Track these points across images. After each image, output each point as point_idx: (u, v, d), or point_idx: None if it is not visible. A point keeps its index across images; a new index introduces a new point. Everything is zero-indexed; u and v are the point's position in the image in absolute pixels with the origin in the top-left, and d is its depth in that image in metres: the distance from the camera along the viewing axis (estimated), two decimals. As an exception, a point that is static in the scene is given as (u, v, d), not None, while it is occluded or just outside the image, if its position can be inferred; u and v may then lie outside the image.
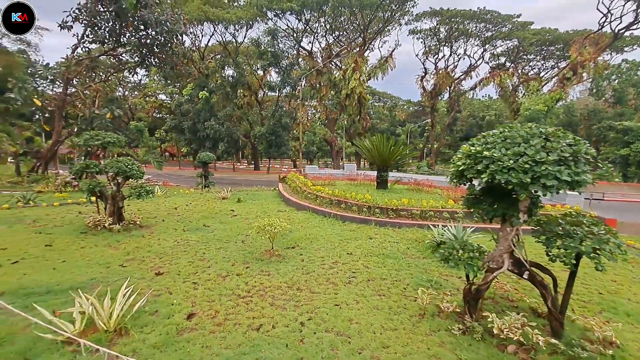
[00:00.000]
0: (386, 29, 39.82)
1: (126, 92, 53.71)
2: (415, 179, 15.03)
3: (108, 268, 6.00)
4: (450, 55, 46.34)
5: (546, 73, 46.79)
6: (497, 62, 47.64)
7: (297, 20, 37.46)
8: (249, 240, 7.90)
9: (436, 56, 46.72)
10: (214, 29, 38.94)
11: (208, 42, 41.67)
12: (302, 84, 35.88)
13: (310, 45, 40.43)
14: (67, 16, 18.94)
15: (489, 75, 44.31)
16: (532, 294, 5.39)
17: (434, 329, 4.25)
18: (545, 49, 44.20)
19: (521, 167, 3.47)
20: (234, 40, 40.18)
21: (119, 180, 8.38)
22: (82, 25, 19.54)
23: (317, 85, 39.03)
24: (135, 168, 8.05)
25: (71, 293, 4.73)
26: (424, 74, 46.87)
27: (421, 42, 45.76)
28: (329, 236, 8.35)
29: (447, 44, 45.20)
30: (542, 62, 46.85)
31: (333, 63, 40.02)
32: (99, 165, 8.70)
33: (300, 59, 39.94)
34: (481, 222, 4.79)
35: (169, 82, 43.94)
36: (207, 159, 19.46)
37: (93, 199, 8.78)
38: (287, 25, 37.66)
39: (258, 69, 44.76)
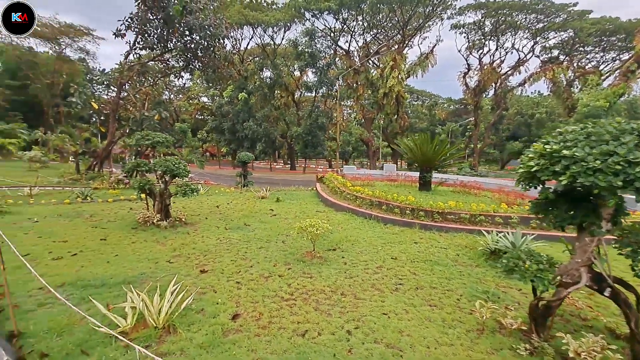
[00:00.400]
0: (427, 25, 38.45)
1: (171, 96, 56.86)
2: (462, 180, 14.12)
3: (156, 264, 6.18)
4: (497, 49, 43.75)
5: (606, 66, 42.59)
6: (550, 55, 44.07)
7: (334, 20, 37.34)
8: (290, 240, 7.82)
9: (480, 51, 44.35)
10: (253, 32, 40.01)
11: (247, 45, 42.91)
12: (339, 84, 35.62)
13: (347, 44, 40.13)
14: (121, 25, 20.31)
15: (539, 69, 41.17)
16: (608, 311, 4.75)
17: (496, 347, 3.83)
18: (605, 39, 40.16)
19: (611, 169, 2.98)
20: (272, 43, 41.02)
21: (167, 179, 8.70)
22: (134, 32, 20.84)
23: (354, 85, 38.63)
24: (181, 167, 8.31)
25: (123, 287, 4.92)
26: (467, 70, 44.70)
27: (464, 36, 43.65)
28: (370, 239, 8.05)
29: (492, 38, 42.74)
30: (602, 54, 42.61)
31: (370, 61, 39.37)
32: (148, 164, 9.10)
33: (337, 59, 39.77)
34: (550, 229, 4.27)
35: (210, 84, 45.79)
36: (246, 159, 19.93)
37: (143, 196, 9.20)
38: (325, 25, 37.68)
39: (295, 69, 45.36)
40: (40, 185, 16.43)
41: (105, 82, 21.48)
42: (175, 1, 20.21)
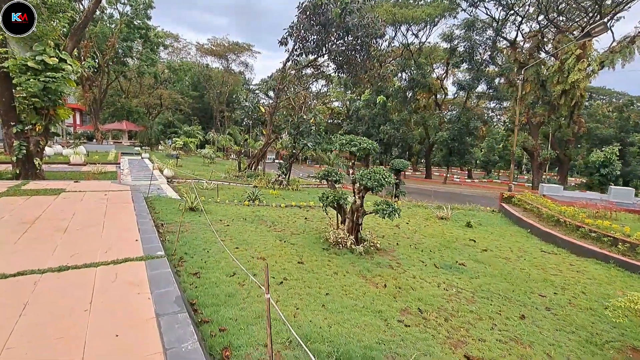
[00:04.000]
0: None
1: (308, 100, 60.19)
2: None
3: (386, 322, 4.42)
4: None
5: None
6: None
7: (495, 7, 31.74)
8: (559, 309, 5.08)
9: None
10: (396, 32, 37.93)
11: (389, 45, 41.11)
12: (522, 77, 29.73)
13: (512, 34, 33.69)
14: (285, 33, 21.20)
15: None
16: None
17: None
18: None
19: None
20: (416, 41, 38.15)
21: (363, 194, 7.16)
22: (293, 40, 21.46)
23: (517, 82, 32.04)
24: (389, 181, 6.61)
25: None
26: (696, 56, 31.80)
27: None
28: None
29: None
30: None
31: (543, 51, 31.99)
32: (339, 173, 7.82)
33: (496, 52, 33.83)
34: None
35: (349, 87, 45.88)
36: (401, 166, 17.75)
37: (332, 211, 7.96)
38: (487, 14, 32.41)
39: (435, 68, 41.39)
40: (213, 179, 18.13)
41: (269, 88, 22.87)
42: (332, 5, 19.87)
